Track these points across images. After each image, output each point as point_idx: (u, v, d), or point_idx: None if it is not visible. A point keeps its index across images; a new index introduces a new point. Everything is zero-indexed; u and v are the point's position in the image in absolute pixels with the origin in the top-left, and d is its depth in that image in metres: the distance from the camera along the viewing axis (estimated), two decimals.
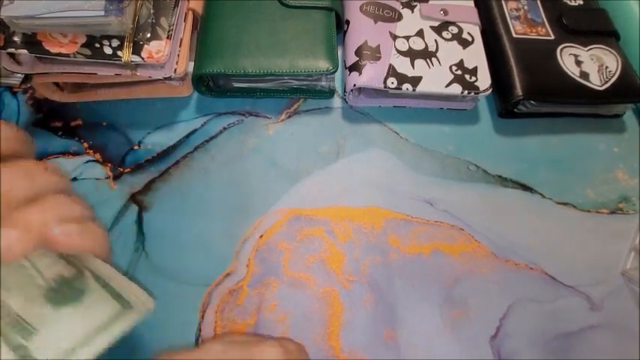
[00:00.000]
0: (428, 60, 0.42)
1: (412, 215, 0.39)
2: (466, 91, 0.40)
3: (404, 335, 0.34)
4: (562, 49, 0.43)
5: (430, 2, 0.45)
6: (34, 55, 0.35)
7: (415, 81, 0.40)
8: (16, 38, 0.35)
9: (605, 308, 0.36)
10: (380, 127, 0.43)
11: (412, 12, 0.44)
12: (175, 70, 0.38)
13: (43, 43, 0.35)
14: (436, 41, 0.43)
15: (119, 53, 0.35)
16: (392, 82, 0.40)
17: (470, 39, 0.43)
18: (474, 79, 0.41)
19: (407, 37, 0.43)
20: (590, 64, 0.43)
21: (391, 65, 0.41)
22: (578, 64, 0.43)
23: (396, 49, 0.42)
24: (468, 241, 0.38)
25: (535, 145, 0.44)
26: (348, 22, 0.44)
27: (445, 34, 0.43)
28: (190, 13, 0.41)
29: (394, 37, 0.42)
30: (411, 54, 0.42)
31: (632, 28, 0.46)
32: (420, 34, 0.43)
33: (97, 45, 0.35)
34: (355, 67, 0.41)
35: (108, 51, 0.35)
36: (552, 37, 0.44)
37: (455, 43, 0.43)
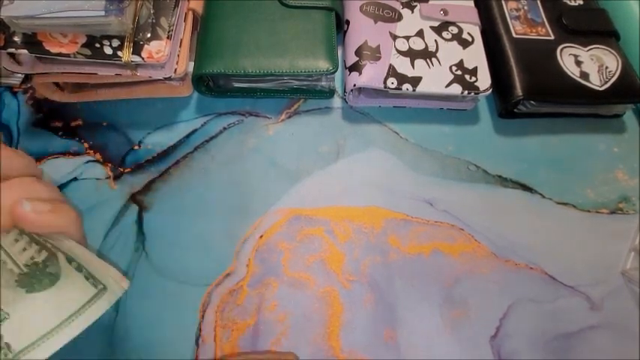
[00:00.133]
0: (428, 60, 0.42)
1: (412, 215, 0.39)
2: (466, 91, 0.40)
3: (404, 335, 0.34)
4: (562, 49, 0.43)
5: (430, 2, 0.45)
6: (35, 55, 0.35)
7: (415, 81, 0.40)
8: (16, 38, 0.35)
9: (605, 308, 0.36)
10: (380, 127, 0.43)
11: (412, 12, 0.44)
12: (175, 70, 0.38)
13: (44, 43, 0.35)
14: (436, 41, 0.43)
15: (119, 53, 0.35)
16: (392, 82, 0.40)
17: (470, 39, 0.43)
18: (474, 79, 0.41)
19: (407, 37, 0.43)
20: (590, 64, 0.43)
21: (391, 65, 0.41)
22: (578, 64, 0.43)
23: (396, 49, 0.42)
24: (468, 241, 0.38)
25: (535, 145, 0.44)
26: (348, 22, 0.44)
27: (445, 35, 0.43)
28: (190, 13, 0.41)
29: (394, 37, 0.43)
30: (411, 54, 0.42)
31: (632, 28, 0.46)
32: (420, 34, 0.43)
33: (97, 45, 0.35)
34: (355, 67, 0.41)
35: (108, 51, 0.35)
36: (552, 37, 0.44)
37: (455, 43, 0.43)
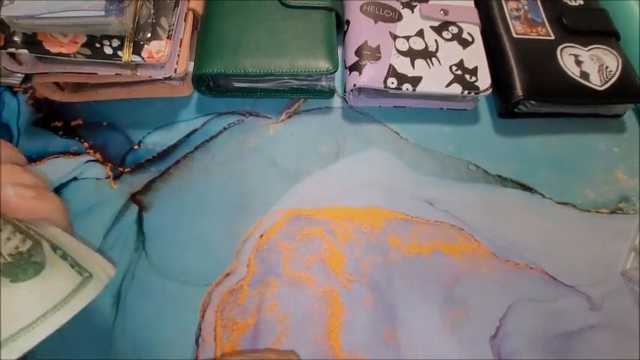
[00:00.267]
0: (428, 60, 0.42)
1: (412, 215, 0.39)
2: (466, 91, 0.40)
3: (404, 335, 0.34)
4: (562, 49, 0.43)
5: (430, 2, 0.45)
6: (35, 55, 0.35)
7: (415, 81, 0.40)
8: (16, 38, 0.35)
9: (605, 308, 0.36)
10: (380, 127, 0.43)
11: (412, 12, 0.44)
12: (175, 70, 0.38)
13: (44, 43, 0.35)
14: (436, 41, 0.43)
15: (119, 53, 0.35)
16: (392, 82, 0.40)
17: (470, 39, 0.43)
18: (474, 79, 0.41)
19: (407, 37, 0.43)
20: (590, 64, 0.43)
21: (391, 65, 0.41)
22: (579, 64, 0.43)
23: (396, 49, 0.42)
24: (467, 241, 0.38)
25: (535, 145, 0.44)
26: (348, 22, 0.44)
27: (445, 34, 0.43)
28: (190, 13, 0.41)
29: (394, 37, 0.42)
30: (411, 54, 0.42)
31: (632, 28, 0.46)
32: (420, 34, 0.43)
33: (98, 45, 0.35)
34: (355, 67, 0.41)
35: (108, 51, 0.35)
36: (552, 37, 0.44)
37: (455, 43, 0.43)
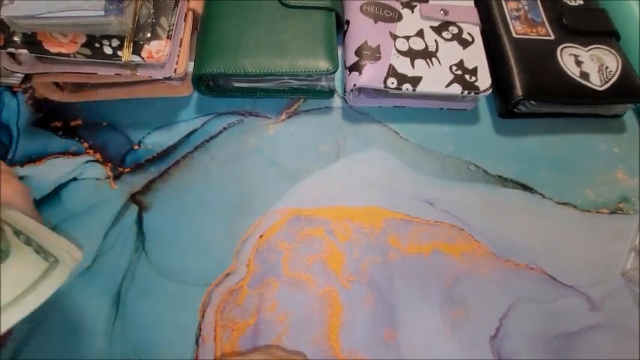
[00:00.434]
0: (428, 60, 0.42)
1: (412, 215, 0.39)
2: (466, 91, 0.40)
3: (404, 335, 0.34)
4: (562, 49, 0.43)
5: (430, 2, 0.45)
6: (34, 54, 0.35)
7: (415, 81, 0.40)
8: (16, 38, 0.35)
9: (605, 308, 0.36)
10: (380, 127, 0.43)
11: (412, 12, 0.44)
12: (175, 70, 0.38)
13: (43, 43, 0.35)
14: (436, 41, 0.43)
15: (119, 53, 0.35)
16: (392, 82, 0.40)
17: (470, 39, 0.43)
18: (474, 79, 0.41)
19: (407, 37, 0.43)
20: (590, 64, 0.43)
21: (391, 65, 0.41)
22: (579, 64, 0.43)
23: (396, 49, 0.42)
24: (467, 241, 0.38)
25: (535, 145, 0.44)
26: (348, 22, 0.44)
27: (445, 34, 0.43)
28: (190, 13, 0.41)
29: (394, 37, 0.42)
30: (411, 54, 0.42)
31: (632, 28, 0.46)
32: (420, 34, 0.43)
33: (97, 45, 0.35)
34: (355, 67, 0.41)
35: (108, 51, 0.35)
36: (552, 37, 0.44)
37: (455, 43, 0.43)
